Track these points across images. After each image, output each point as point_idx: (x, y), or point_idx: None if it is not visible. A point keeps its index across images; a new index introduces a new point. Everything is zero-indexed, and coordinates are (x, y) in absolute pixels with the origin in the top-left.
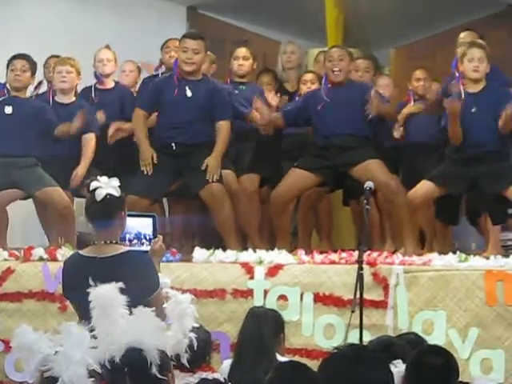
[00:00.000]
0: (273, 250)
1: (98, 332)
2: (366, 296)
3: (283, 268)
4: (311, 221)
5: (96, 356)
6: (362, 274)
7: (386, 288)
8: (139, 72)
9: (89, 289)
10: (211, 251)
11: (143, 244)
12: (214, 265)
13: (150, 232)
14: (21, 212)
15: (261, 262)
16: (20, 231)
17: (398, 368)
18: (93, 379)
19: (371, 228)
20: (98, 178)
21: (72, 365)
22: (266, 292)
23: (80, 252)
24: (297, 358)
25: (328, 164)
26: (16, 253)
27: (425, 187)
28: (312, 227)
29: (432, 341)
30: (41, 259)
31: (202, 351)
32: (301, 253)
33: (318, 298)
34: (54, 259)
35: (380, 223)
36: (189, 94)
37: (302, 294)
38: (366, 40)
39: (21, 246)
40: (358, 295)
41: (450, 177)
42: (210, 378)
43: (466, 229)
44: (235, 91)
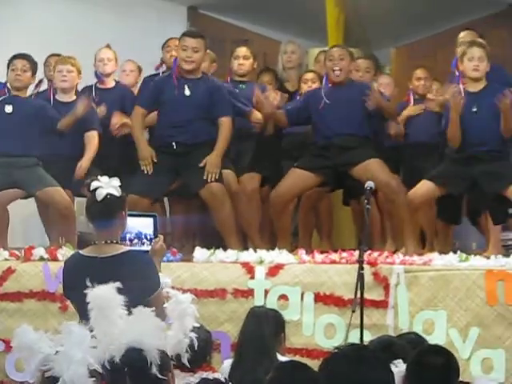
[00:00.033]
0: (273, 249)
1: (96, 333)
2: (367, 296)
3: (284, 268)
4: (312, 220)
5: (97, 356)
6: (362, 274)
7: (387, 288)
8: (139, 72)
9: (86, 290)
10: (212, 251)
11: (144, 244)
12: (214, 264)
13: (151, 232)
14: (21, 212)
15: (261, 262)
16: (21, 231)
17: (398, 368)
18: (94, 379)
19: (372, 228)
20: (99, 177)
21: (73, 364)
22: (266, 292)
23: (80, 252)
24: (297, 358)
25: (328, 164)
26: (17, 252)
27: (425, 187)
28: (313, 227)
29: (433, 340)
30: (41, 259)
31: (202, 351)
32: (301, 252)
33: (318, 298)
34: (55, 259)
35: (381, 223)
36: (187, 92)
37: (302, 294)
38: (366, 40)
39: (21, 246)
40: (359, 295)
41: (449, 176)
42: (210, 377)
43: (466, 228)
44: (236, 90)
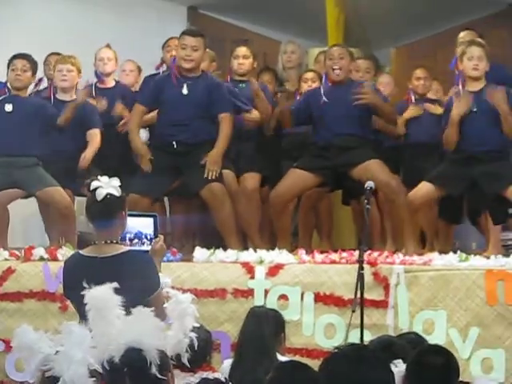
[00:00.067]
0: (273, 249)
1: (94, 333)
2: (367, 296)
3: (284, 268)
4: (312, 220)
5: (97, 356)
6: (362, 274)
7: (387, 288)
8: (139, 72)
9: (83, 291)
10: (212, 251)
11: (144, 244)
12: (214, 264)
13: (151, 232)
14: (21, 212)
15: (261, 262)
16: (21, 231)
17: (398, 368)
18: (94, 379)
19: (372, 228)
20: (99, 177)
21: (73, 364)
22: (266, 292)
23: (80, 252)
24: (297, 358)
25: (328, 164)
26: (17, 252)
27: (425, 188)
28: (313, 227)
29: (432, 340)
30: (41, 259)
31: (202, 351)
32: (301, 252)
33: (318, 298)
34: (55, 259)
35: (381, 223)
36: (185, 91)
37: (302, 294)
38: (366, 40)
39: (21, 246)
40: (359, 295)
41: (449, 178)
42: (210, 377)
43: (466, 228)
44: (235, 89)
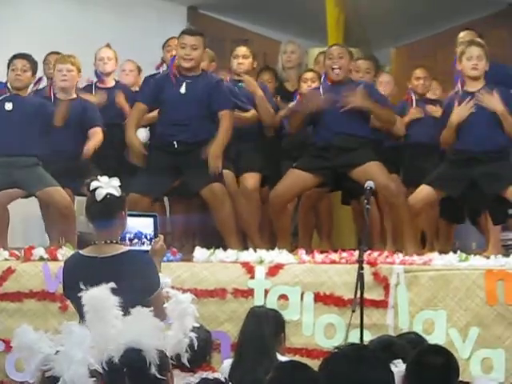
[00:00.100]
0: (273, 249)
1: (92, 334)
2: (367, 296)
3: (284, 268)
4: (312, 220)
5: (97, 356)
6: (362, 274)
7: (387, 288)
8: (139, 72)
9: (81, 292)
10: (212, 251)
11: (144, 244)
12: (214, 264)
13: (151, 232)
14: (21, 212)
15: (261, 262)
16: (21, 231)
17: (398, 368)
18: (94, 379)
19: (371, 227)
20: (99, 177)
21: (73, 364)
22: (266, 292)
23: (80, 252)
24: (297, 358)
25: (327, 165)
26: (16, 252)
27: (424, 191)
28: (313, 227)
29: (432, 340)
30: (41, 259)
31: (202, 351)
32: (301, 252)
33: (318, 298)
34: (55, 259)
35: (381, 223)
36: (182, 90)
37: (302, 294)
38: (366, 40)
39: (21, 246)
40: (359, 295)
41: (448, 179)
42: (210, 377)
43: (466, 228)
44: (235, 88)
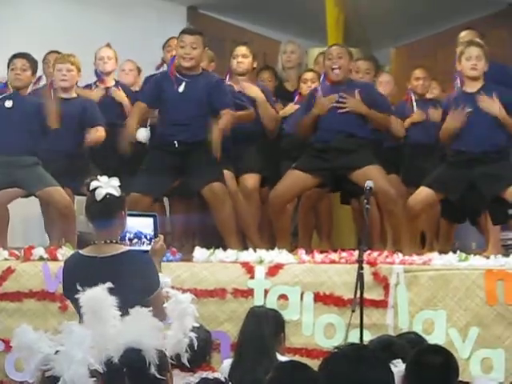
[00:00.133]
0: (273, 249)
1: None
2: (367, 295)
3: (283, 267)
4: (311, 221)
5: (97, 356)
6: (362, 274)
7: (387, 287)
8: (139, 71)
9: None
10: (211, 251)
11: (144, 244)
12: (214, 264)
13: (151, 231)
14: (21, 211)
15: (261, 262)
16: (20, 231)
17: (398, 367)
18: (94, 379)
19: (371, 227)
20: (98, 177)
21: (73, 364)
22: (266, 291)
23: (80, 251)
24: (297, 358)
25: (327, 166)
26: (16, 252)
27: (424, 193)
28: (312, 227)
29: (432, 340)
30: (41, 259)
31: (202, 351)
32: (301, 252)
33: (318, 298)
34: (55, 259)
35: (381, 222)
36: (181, 89)
37: (302, 294)
38: (366, 40)
39: (21, 246)
40: (359, 295)
41: (447, 181)
42: (210, 377)
43: (466, 228)
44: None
